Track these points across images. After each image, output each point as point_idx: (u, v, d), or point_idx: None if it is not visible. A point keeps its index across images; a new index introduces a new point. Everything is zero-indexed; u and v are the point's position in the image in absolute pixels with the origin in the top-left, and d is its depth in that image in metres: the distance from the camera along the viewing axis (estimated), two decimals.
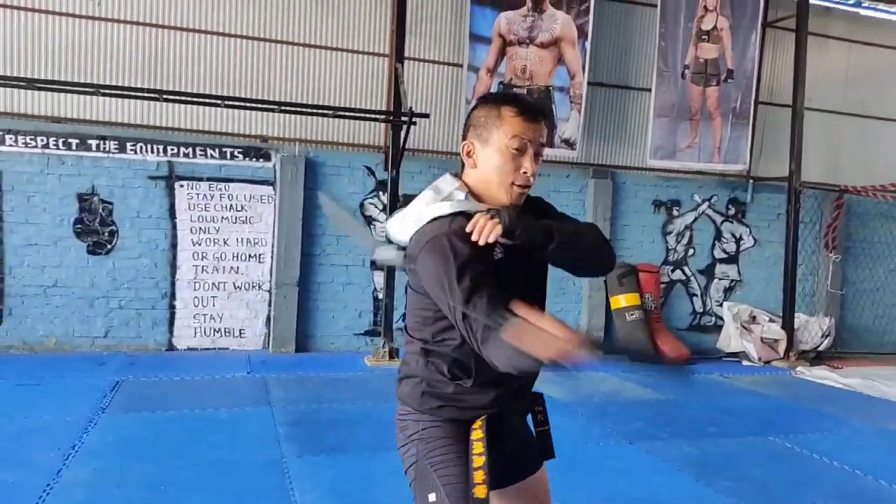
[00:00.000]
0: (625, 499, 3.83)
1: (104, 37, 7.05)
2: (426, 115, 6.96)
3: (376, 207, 7.83)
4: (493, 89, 7.54)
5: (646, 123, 8.54)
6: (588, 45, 7.93)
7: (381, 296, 7.66)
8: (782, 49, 9.29)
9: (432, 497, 1.76)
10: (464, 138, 1.90)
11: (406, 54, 7.54)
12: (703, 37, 8.39)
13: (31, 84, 6.25)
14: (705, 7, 8.33)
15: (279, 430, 4.76)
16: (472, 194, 1.86)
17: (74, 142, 6.97)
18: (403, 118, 6.81)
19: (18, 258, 6.94)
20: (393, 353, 7.26)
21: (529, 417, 2.11)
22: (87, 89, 6.46)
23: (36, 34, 6.88)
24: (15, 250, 6.93)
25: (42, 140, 6.89)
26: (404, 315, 2.04)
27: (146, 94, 6.59)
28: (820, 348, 8.99)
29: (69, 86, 6.46)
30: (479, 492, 1.70)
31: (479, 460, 1.73)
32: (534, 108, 1.85)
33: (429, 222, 1.78)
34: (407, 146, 7.28)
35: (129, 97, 6.76)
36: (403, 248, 1.89)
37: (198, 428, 4.78)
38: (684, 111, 8.46)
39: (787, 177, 8.74)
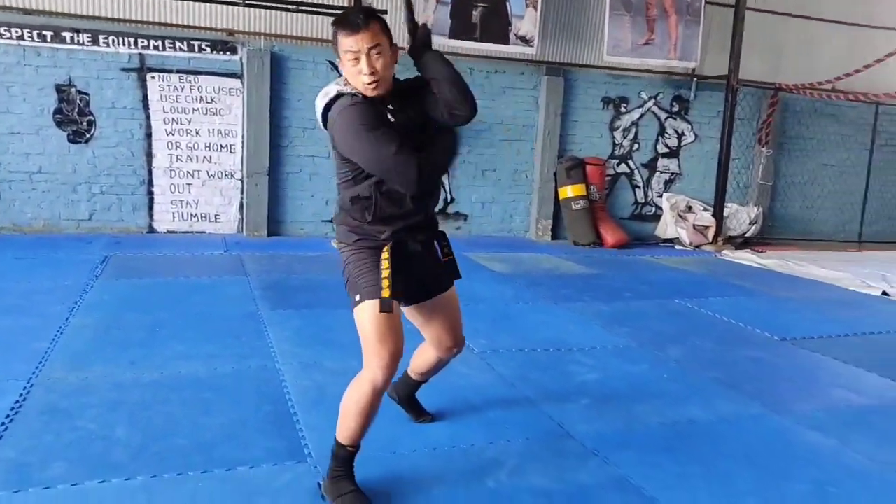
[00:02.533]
0: (539, 339, 4.69)
1: None
2: (384, 12, 7.34)
3: None
4: None
5: (598, 20, 8.98)
6: None
7: None
8: None
9: (357, 297, 2.52)
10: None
11: None
12: None
13: None
14: None
15: (254, 292, 5.53)
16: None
17: (49, 34, 7.29)
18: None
19: (3, 146, 7.39)
20: None
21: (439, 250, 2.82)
22: None
23: None
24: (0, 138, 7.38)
25: (17, 31, 7.20)
26: None
27: None
28: (748, 234, 9.93)
29: None
30: (385, 293, 2.47)
31: (385, 273, 2.48)
32: (351, 21, 2.33)
33: (335, 99, 2.42)
34: None
35: None
36: None
37: (183, 290, 5.52)
38: (641, 8, 8.90)
39: (726, 75, 9.35)
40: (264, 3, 7.46)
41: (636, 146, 9.86)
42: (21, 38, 7.22)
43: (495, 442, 3.08)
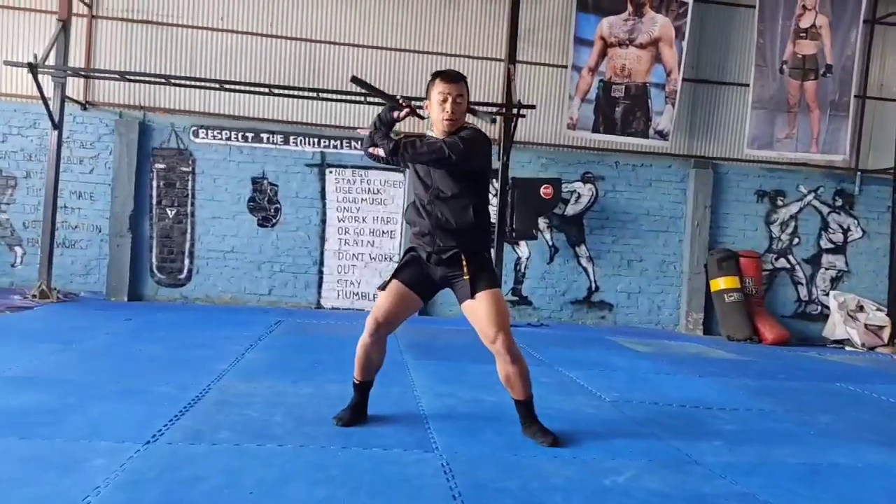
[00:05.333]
0: (675, 397, 4.61)
1: (274, 49, 8.75)
2: (532, 107, 8.01)
3: (489, 192, 8.95)
4: (594, 87, 8.49)
5: (744, 115, 9.05)
6: (685, 44, 8.66)
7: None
8: (893, 44, 9.46)
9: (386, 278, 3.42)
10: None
11: (519, 58, 8.67)
12: (802, 34, 8.84)
13: (222, 86, 7.99)
14: (804, 6, 8.79)
15: (401, 347, 5.95)
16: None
17: (250, 135, 8.68)
18: (513, 110, 7.91)
19: (205, 228, 8.71)
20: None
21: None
22: (261, 89, 8.11)
23: (225, 47, 8.68)
24: (203, 221, 8.70)
25: (226, 133, 8.66)
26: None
27: (306, 94, 8.15)
28: None
29: (249, 86, 8.14)
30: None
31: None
32: (450, 74, 3.21)
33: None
34: (518, 139, 8.41)
35: (294, 97, 8.35)
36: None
37: (340, 342, 6.05)
38: (782, 103, 8.92)
39: (892, 168, 8.91)
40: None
41: (796, 240, 9.49)
42: (229, 139, 8.66)
43: (616, 458, 3.13)
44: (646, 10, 8.56)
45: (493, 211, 8.89)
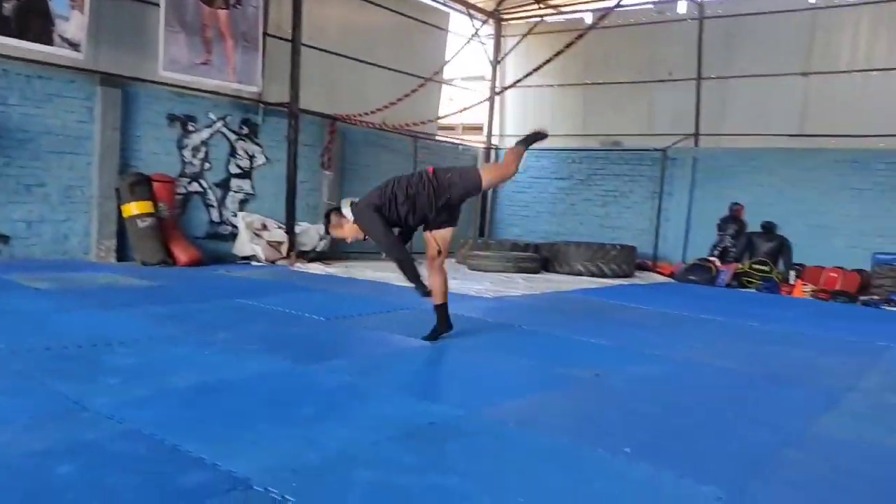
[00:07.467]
0: (73, 338, 4.33)
1: None
2: None
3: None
4: None
5: (157, 36, 8.80)
6: None
7: None
8: None
9: None
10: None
11: None
12: None
13: None
14: None
15: None
16: None
17: None
18: None
19: None
20: None
21: None
22: None
23: None
24: None
25: None
26: None
27: None
28: (319, 249, 10.73)
29: None
30: None
31: None
32: None
33: None
34: None
35: None
36: None
37: None
38: (196, 28, 8.99)
39: (288, 103, 10.09)
40: None
41: (208, 166, 9.90)
42: None
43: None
44: None
45: None
